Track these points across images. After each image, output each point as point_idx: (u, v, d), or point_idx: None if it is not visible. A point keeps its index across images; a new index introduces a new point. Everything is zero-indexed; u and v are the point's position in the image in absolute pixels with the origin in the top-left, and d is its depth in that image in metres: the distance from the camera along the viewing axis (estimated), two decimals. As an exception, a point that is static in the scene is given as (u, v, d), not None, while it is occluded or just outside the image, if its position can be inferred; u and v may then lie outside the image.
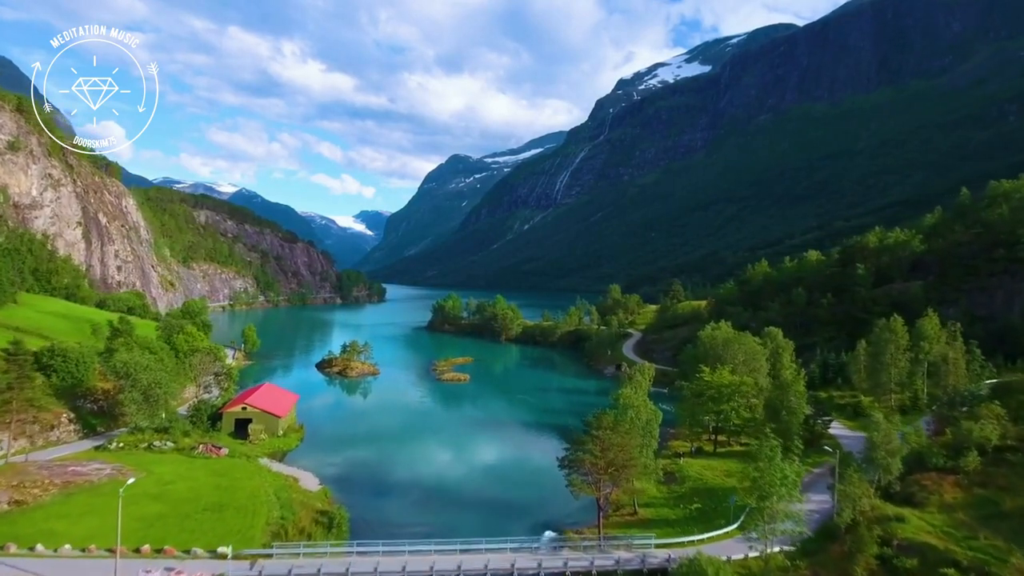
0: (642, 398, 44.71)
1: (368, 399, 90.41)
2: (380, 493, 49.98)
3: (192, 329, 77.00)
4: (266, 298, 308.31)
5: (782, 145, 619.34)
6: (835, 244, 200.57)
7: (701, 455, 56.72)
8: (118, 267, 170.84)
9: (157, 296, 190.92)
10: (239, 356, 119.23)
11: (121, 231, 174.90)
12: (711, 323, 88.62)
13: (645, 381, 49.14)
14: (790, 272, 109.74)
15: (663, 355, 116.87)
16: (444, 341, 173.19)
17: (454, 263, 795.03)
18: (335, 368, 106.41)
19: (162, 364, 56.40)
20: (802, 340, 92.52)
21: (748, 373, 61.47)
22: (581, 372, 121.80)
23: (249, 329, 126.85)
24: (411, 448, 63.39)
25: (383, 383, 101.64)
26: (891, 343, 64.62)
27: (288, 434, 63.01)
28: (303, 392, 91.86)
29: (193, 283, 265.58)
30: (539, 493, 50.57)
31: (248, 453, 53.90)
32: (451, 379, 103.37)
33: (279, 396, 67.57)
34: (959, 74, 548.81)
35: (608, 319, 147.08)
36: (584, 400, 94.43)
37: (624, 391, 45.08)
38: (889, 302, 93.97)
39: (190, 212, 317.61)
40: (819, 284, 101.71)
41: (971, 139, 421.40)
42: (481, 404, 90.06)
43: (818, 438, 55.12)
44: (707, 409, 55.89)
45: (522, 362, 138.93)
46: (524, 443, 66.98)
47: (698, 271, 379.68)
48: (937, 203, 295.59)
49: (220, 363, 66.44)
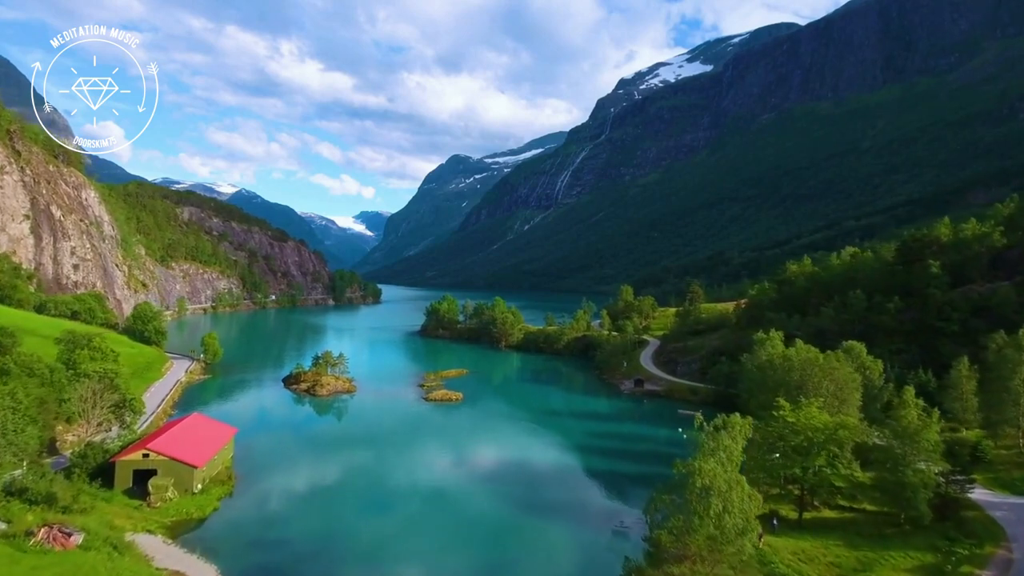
0: (733, 475, 27.00)
1: (333, 429, 72.74)
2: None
3: (102, 342, 60.14)
4: (252, 299, 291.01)
5: (786, 144, 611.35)
6: (846, 244, 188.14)
7: (784, 527, 39.95)
8: (75, 266, 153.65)
9: (122, 298, 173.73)
10: (195, 369, 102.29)
11: (79, 226, 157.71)
12: (759, 332, 72.19)
13: (736, 446, 28.97)
14: (841, 271, 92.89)
15: (689, 368, 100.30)
16: (437, 348, 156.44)
17: (454, 264, 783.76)
18: (303, 385, 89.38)
19: (11, 400, 38.99)
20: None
21: (838, 409, 44.99)
22: (593, 387, 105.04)
23: (210, 337, 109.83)
24: (377, 516, 45.73)
25: (358, 404, 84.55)
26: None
27: (209, 488, 46.13)
28: (257, 417, 75.33)
29: (172, 284, 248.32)
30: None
31: (130, 528, 37.14)
32: (441, 399, 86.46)
33: (202, 435, 50.62)
34: (967, 71, 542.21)
35: (621, 324, 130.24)
36: (604, 429, 77.81)
37: (702, 462, 26.90)
38: (970, 307, 77.80)
39: (172, 209, 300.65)
40: (879, 285, 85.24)
41: (982, 137, 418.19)
42: (476, 437, 72.77)
43: (952, 508, 38.53)
44: (792, 463, 39.25)
45: (524, 374, 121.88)
46: (534, 503, 49.75)
47: (704, 271, 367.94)
48: (952, 202, 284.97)
49: (119, 393, 49.49)
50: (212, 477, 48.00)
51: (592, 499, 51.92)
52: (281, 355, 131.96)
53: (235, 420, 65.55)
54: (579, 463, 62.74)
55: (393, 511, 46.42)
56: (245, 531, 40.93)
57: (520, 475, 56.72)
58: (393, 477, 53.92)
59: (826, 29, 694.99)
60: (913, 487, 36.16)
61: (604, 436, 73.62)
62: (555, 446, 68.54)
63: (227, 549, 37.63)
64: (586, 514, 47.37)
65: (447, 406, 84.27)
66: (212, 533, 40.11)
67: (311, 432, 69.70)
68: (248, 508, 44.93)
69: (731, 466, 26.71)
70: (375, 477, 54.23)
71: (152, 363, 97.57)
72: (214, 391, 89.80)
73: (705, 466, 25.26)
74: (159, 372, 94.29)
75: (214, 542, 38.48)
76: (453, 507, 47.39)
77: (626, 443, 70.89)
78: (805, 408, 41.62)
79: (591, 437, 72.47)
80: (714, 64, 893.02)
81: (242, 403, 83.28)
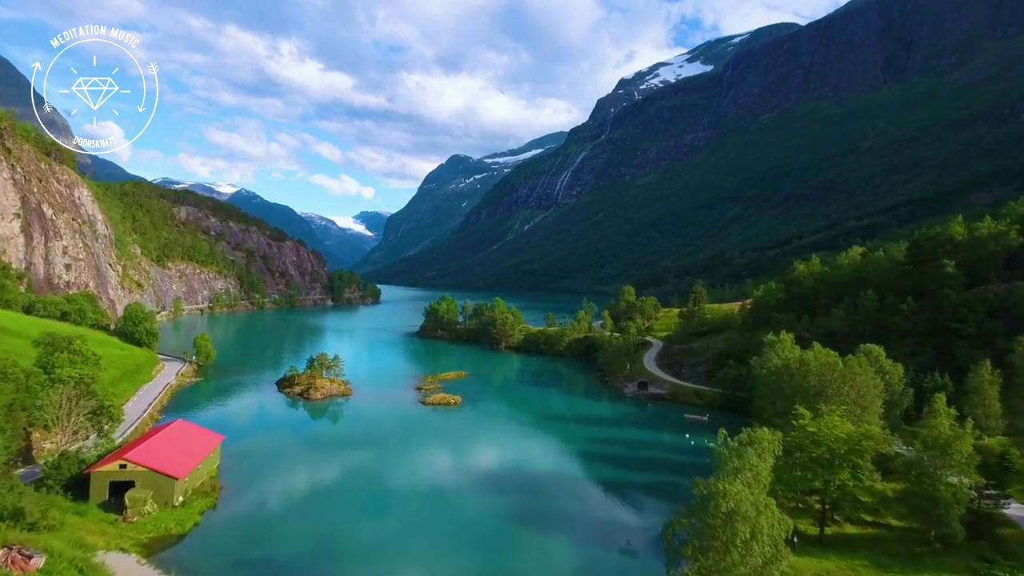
0: (762, 498, 23.61)
1: (326, 436, 69.53)
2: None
3: (83, 344, 57.33)
4: (250, 300, 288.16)
5: (787, 144, 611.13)
6: (848, 244, 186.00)
7: (805, 544, 37.24)
8: (67, 265, 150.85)
9: (116, 298, 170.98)
10: (187, 371, 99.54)
11: (72, 225, 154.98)
12: (766, 334, 69.53)
13: (765, 464, 25.37)
14: (851, 271, 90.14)
15: (694, 370, 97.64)
16: (436, 350, 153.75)
17: (453, 264, 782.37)
18: (297, 388, 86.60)
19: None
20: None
21: (859, 417, 42.26)
22: (595, 390, 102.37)
23: (202, 338, 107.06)
24: (369, 529, 42.86)
25: (352, 408, 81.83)
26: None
27: (191, 501, 43.41)
28: (247, 423, 72.57)
29: (168, 284, 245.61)
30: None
31: (103, 546, 34.44)
32: (439, 402, 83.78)
33: (185, 444, 47.91)
34: (968, 71, 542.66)
35: (624, 325, 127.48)
36: (607, 434, 75.36)
37: (726, 483, 23.54)
38: (986, 308, 75.22)
39: (169, 208, 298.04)
40: (891, 286, 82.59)
41: (984, 137, 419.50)
42: (475, 441, 70.27)
43: (986, 525, 35.84)
44: (814, 476, 36.53)
45: (524, 376, 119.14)
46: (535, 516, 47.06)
47: (705, 272, 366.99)
48: (955, 201, 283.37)
49: (95, 399, 46.68)
50: (195, 489, 45.29)
51: (596, 510, 49.27)
52: (277, 357, 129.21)
53: (224, 426, 63.02)
54: (582, 471, 60.15)
55: (386, 523, 43.73)
56: (227, 548, 38.18)
57: (520, 485, 54.04)
58: (387, 487, 51.21)
59: (827, 29, 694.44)
60: (945, 503, 33.56)
61: (607, 442, 71.08)
62: (556, 452, 65.92)
63: (206, 569, 34.93)
64: (590, 527, 44.72)
65: (445, 410, 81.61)
66: (191, 551, 37.36)
67: (302, 439, 66.68)
68: (232, 523, 42.16)
69: (759, 487, 23.89)
70: (367, 487, 51.52)
71: (142, 365, 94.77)
72: (205, 395, 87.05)
73: (731, 488, 22.46)
74: (149, 375, 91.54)
75: (193, 561, 35.76)
76: (451, 520, 44.65)
77: (631, 449, 68.26)
78: (826, 416, 38.93)
79: (594, 443, 69.86)
80: (714, 64, 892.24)
81: (232, 408, 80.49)
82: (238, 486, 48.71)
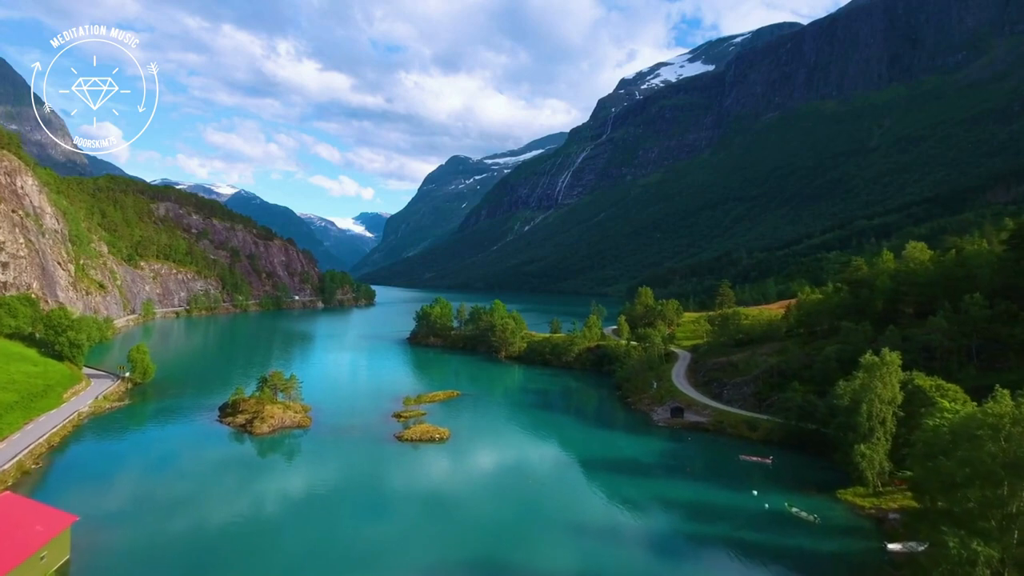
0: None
1: (253, 497, 48.20)
2: None
3: None
4: (232, 302, 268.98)
5: (791, 143, 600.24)
6: (861, 243, 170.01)
7: None
8: (3, 264, 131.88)
9: (67, 301, 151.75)
10: (114, 392, 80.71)
11: (11, 218, 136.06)
12: (867, 354, 51.57)
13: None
14: (945, 268, 70.75)
15: (738, 391, 79.12)
16: (427, 360, 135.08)
17: (453, 265, 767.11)
18: (240, 417, 67.69)
19: None
20: (980, 379, 56.25)
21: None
22: (616, 416, 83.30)
23: (138, 351, 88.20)
24: None
25: (306, 447, 62.78)
26: None
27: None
28: (150, 479, 52.14)
29: (140, 285, 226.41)
30: None
31: None
32: (421, 437, 64.93)
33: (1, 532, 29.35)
34: (976, 69, 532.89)
35: (644, 332, 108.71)
36: (642, 491, 54.00)
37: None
38: None
39: (146, 204, 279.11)
40: (996, 286, 64.72)
41: (994, 135, 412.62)
42: (459, 508, 48.69)
43: None
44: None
45: (528, 396, 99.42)
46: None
47: (711, 272, 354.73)
48: (970, 199, 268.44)
49: None
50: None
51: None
52: (234, 371, 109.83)
53: (119, 479, 44.71)
54: (612, 559, 40.42)
55: None
56: None
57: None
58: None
59: (831, 27, 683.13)
60: None
61: (644, 506, 50.07)
62: (573, 528, 45.22)
63: None
64: None
65: (427, 448, 62.91)
66: None
67: (215, 506, 46.14)
68: None
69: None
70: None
71: (53, 386, 76.01)
72: (120, 427, 68.16)
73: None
74: (58, 399, 72.85)
75: None
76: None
77: (683, 519, 47.09)
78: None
79: (625, 508, 49.24)
80: (716, 64, 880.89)
81: (142, 449, 61.04)
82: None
